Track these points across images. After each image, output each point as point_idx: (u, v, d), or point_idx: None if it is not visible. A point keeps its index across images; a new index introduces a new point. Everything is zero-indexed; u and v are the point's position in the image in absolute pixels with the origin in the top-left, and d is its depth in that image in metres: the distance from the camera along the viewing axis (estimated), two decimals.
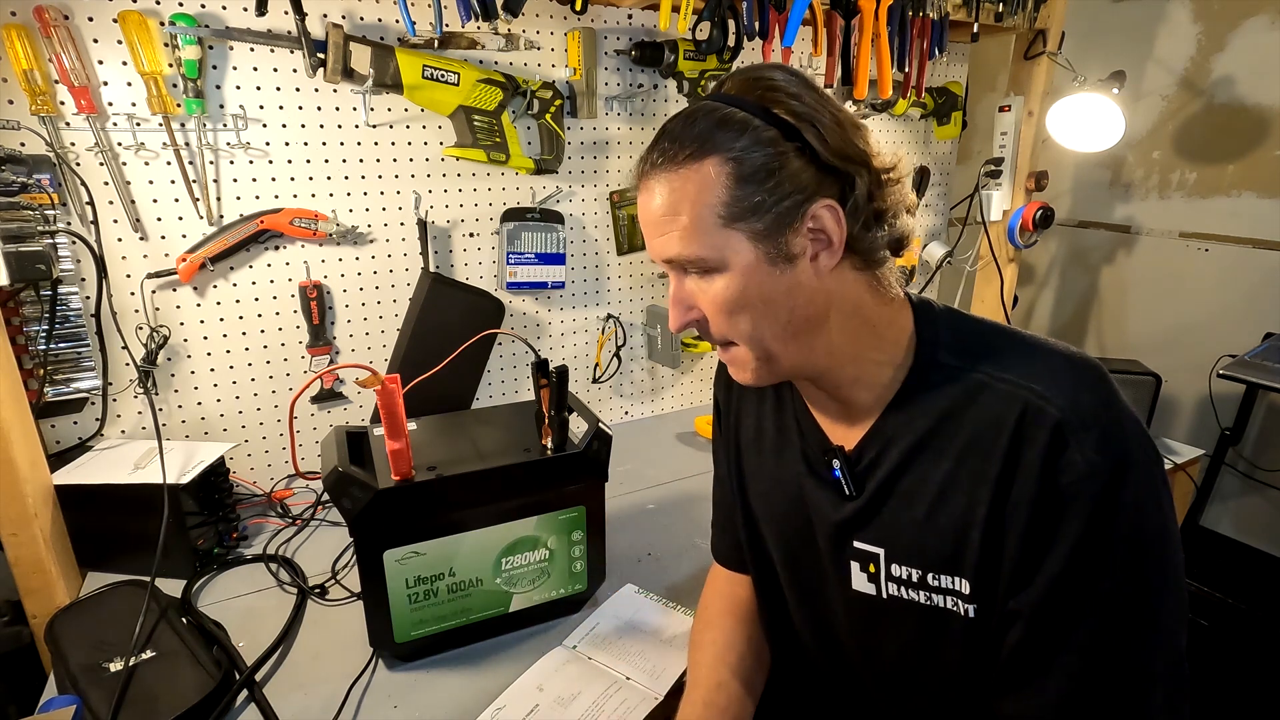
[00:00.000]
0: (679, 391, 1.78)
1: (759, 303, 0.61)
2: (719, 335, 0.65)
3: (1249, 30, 1.94)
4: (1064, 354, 0.61)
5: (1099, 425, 0.55)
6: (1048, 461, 0.56)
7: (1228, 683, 1.74)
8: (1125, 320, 2.32)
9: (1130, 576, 0.55)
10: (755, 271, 0.60)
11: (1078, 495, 0.55)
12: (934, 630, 0.65)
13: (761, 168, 0.58)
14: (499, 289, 1.45)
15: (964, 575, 0.61)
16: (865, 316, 0.64)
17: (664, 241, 0.62)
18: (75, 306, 1.11)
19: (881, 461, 0.66)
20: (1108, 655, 0.56)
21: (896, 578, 0.66)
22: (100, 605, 0.96)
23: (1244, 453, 2.07)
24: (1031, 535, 0.57)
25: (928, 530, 0.63)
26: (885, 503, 0.66)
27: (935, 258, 2.03)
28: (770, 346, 0.63)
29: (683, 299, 0.65)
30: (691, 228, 0.60)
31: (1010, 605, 0.60)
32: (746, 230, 0.59)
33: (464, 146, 1.29)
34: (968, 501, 0.60)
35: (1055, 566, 0.56)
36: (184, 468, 1.07)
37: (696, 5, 1.27)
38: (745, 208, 0.59)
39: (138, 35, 1.04)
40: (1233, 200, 2.03)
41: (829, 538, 0.71)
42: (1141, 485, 0.55)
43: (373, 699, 0.86)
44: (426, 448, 0.92)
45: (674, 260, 0.63)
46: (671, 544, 1.17)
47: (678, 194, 0.60)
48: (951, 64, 1.93)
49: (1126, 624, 0.56)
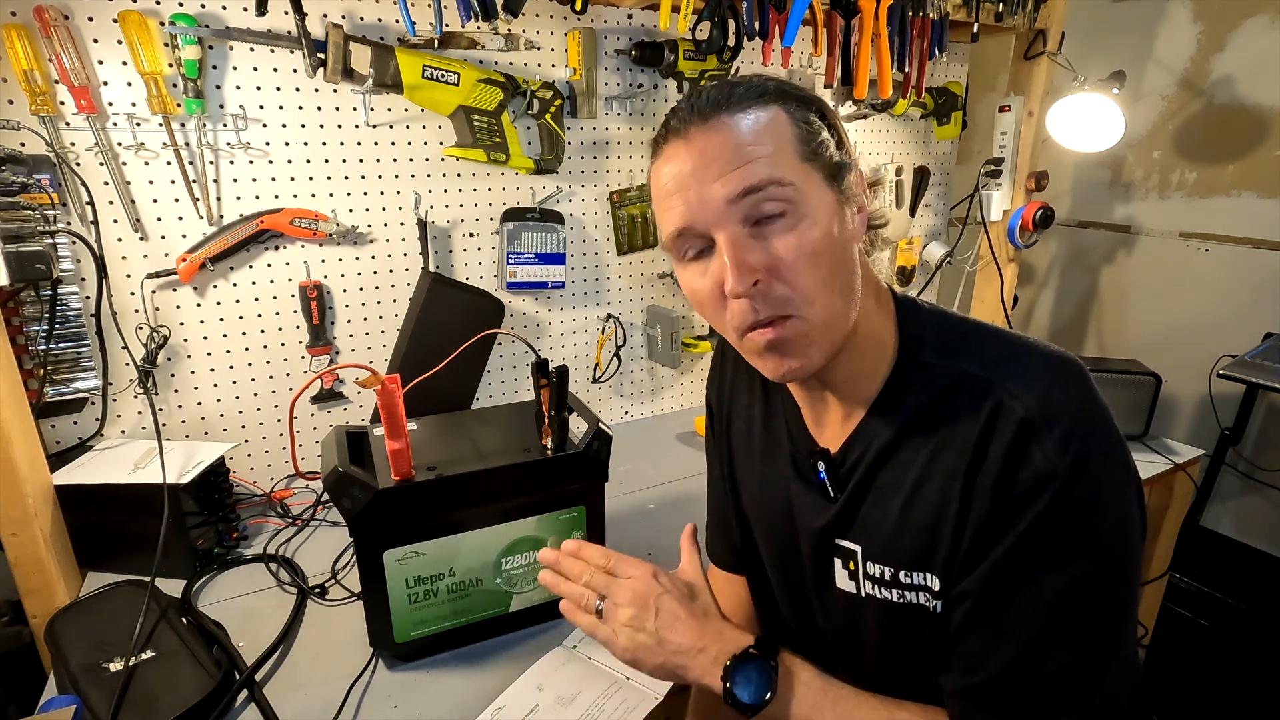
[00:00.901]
0: (679, 391, 1.78)
1: (839, 249, 0.59)
2: (799, 289, 0.58)
3: (1249, 30, 1.94)
4: (1043, 352, 0.61)
5: (1063, 423, 0.55)
6: (1009, 457, 0.56)
7: (1228, 683, 1.74)
8: (1125, 320, 2.32)
9: (1074, 572, 0.55)
10: (834, 214, 0.59)
11: (1032, 490, 0.55)
12: (907, 628, 0.65)
13: (817, 124, 0.60)
14: (499, 289, 1.46)
15: (934, 571, 0.62)
16: (870, 302, 0.64)
17: (744, 172, 0.56)
18: (75, 306, 1.11)
19: (861, 461, 0.65)
20: (1043, 648, 0.56)
21: (871, 576, 0.66)
22: (100, 605, 0.96)
23: (1244, 453, 2.07)
24: (986, 525, 0.57)
25: (900, 528, 0.63)
26: (863, 501, 0.66)
27: (935, 258, 2.03)
28: (835, 308, 0.59)
29: (745, 256, 0.57)
30: (778, 154, 0.57)
31: (955, 590, 0.60)
32: (820, 168, 0.59)
33: (464, 146, 1.29)
34: (940, 498, 0.60)
35: (999, 553, 0.57)
36: (184, 468, 1.07)
37: (696, 5, 1.27)
38: (817, 144, 0.59)
39: (138, 35, 1.04)
40: (1233, 200, 2.03)
41: (813, 541, 0.70)
42: (1100, 482, 0.55)
43: (373, 699, 0.86)
44: (426, 448, 0.92)
45: (758, 187, 0.56)
46: (672, 544, 1.16)
47: (755, 126, 0.57)
48: (951, 64, 1.93)
49: (1066, 621, 0.56)
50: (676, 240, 0.61)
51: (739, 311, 0.59)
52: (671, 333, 1.57)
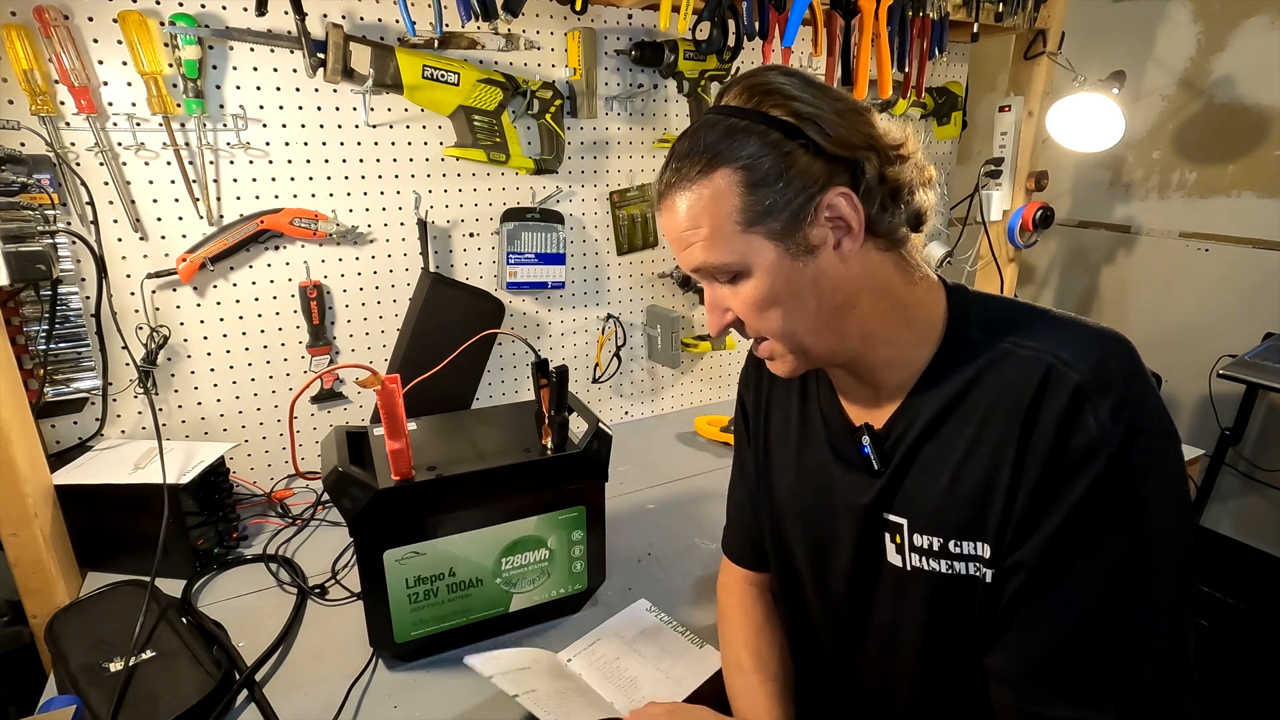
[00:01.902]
0: (679, 391, 1.78)
1: (787, 297, 0.64)
2: (754, 332, 0.68)
3: (1249, 30, 1.94)
4: (1093, 327, 0.62)
5: (1117, 391, 0.56)
6: (1063, 422, 0.57)
7: (1228, 683, 1.74)
8: (1125, 320, 2.32)
9: (1128, 542, 0.55)
10: (779, 269, 0.63)
11: (1086, 456, 0.56)
12: (955, 601, 0.65)
13: (770, 170, 0.60)
14: (499, 289, 1.45)
15: (985, 540, 0.62)
16: (895, 297, 0.66)
17: (690, 253, 0.65)
18: (75, 306, 1.11)
19: (907, 434, 0.66)
20: (1098, 617, 0.56)
21: (918, 547, 0.66)
22: (100, 605, 0.96)
23: (1244, 453, 2.07)
24: (1039, 493, 0.58)
25: (949, 498, 0.63)
26: (908, 473, 0.67)
27: (935, 258, 2.02)
28: (803, 339, 0.66)
29: (717, 304, 0.68)
30: (712, 237, 0.63)
31: (1009, 560, 0.61)
32: (764, 231, 0.62)
33: (464, 146, 1.29)
34: (990, 466, 0.61)
35: (1054, 523, 0.57)
36: (184, 468, 1.07)
37: (696, 5, 1.27)
38: (760, 211, 0.61)
39: (138, 35, 1.04)
40: (1233, 200, 2.03)
41: (859, 519, 0.71)
42: (1151, 454, 0.56)
43: (373, 699, 0.86)
44: (426, 448, 0.92)
45: (701, 269, 0.66)
46: (671, 544, 1.17)
47: (695, 208, 0.63)
48: (951, 64, 1.93)
49: (1121, 590, 0.56)
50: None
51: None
52: (671, 333, 1.57)
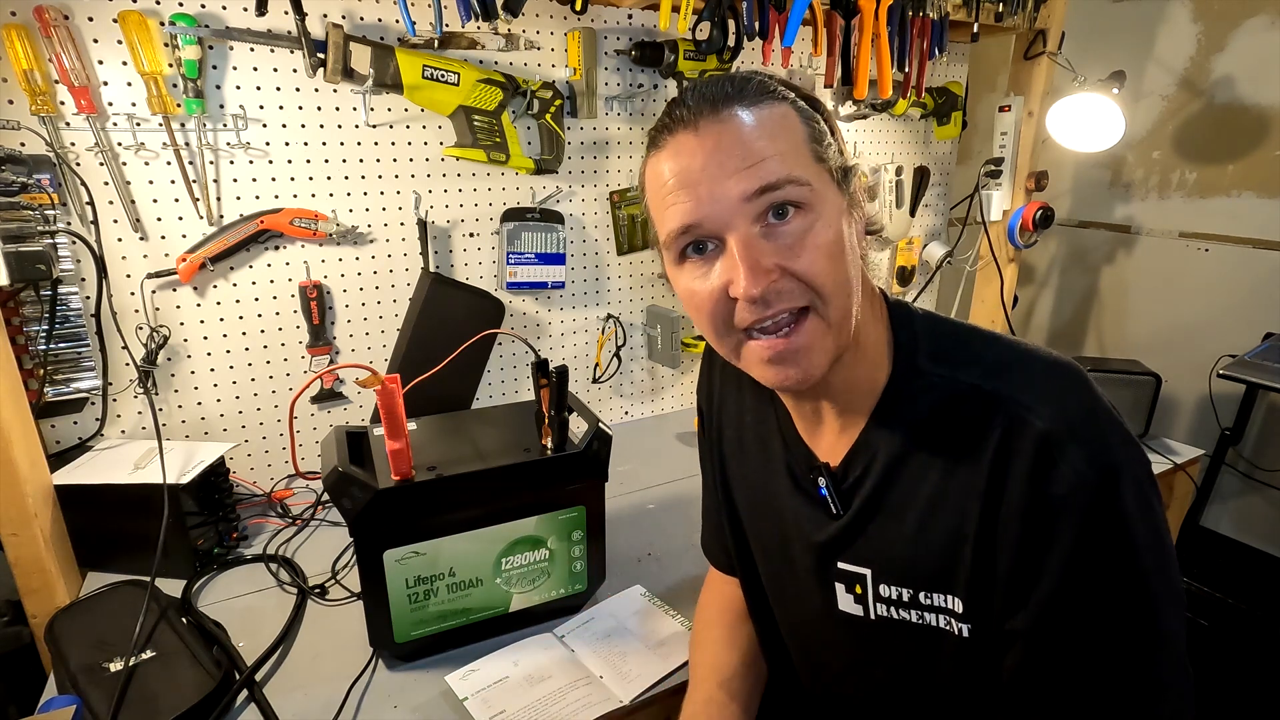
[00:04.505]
0: (679, 391, 1.78)
1: (849, 251, 0.57)
2: (816, 287, 0.56)
3: (1249, 30, 1.94)
4: (1043, 359, 0.59)
5: (1084, 434, 0.54)
6: (1035, 474, 0.54)
7: (1228, 683, 1.74)
8: (1125, 320, 2.32)
9: (1127, 587, 0.54)
10: (843, 217, 0.57)
11: (1068, 508, 0.53)
12: (926, 650, 0.64)
13: (820, 125, 0.58)
14: (499, 289, 1.45)
15: (955, 593, 0.60)
16: (865, 308, 0.62)
17: (760, 169, 0.54)
18: (75, 306, 1.10)
19: (866, 477, 0.63)
20: (1113, 669, 0.55)
21: (886, 598, 0.64)
22: (100, 605, 0.96)
23: (1244, 453, 2.07)
24: (1024, 551, 0.55)
25: (917, 547, 0.61)
26: (871, 520, 0.63)
27: (935, 258, 2.03)
28: (846, 308, 0.58)
29: (758, 260, 0.55)
30: (792, 152, 0.55)
31: (1007, 626, 0.58)
32: (829, 172, 0.57)
33: (464, 146, 1.29)
34: (957, 516, 0.58)
35: (1050, 583, 0.55)
36: (184, 468, 1.07)
37: (696, 5, 1.27)
38: (821, 150, 0.57)
39: (138, 35, 1.04)
40: (1233, 200, 2.03)
41: (813, 557, 0.68)
42: (1131, 493, 0.53)
43: (373, 699, 0.86)
44: (426, 448, 0.92)
45: (776, 185, 0.54)
46: (671, 544, 1.17)
47: (767, 123, 0.55)
48: (951, 64, 1.93)
49: (1129, 635, 0.54)
50: (679, 238, 0.57)
51: (746, 313, 0.57)
52: (671, 333, 1.57)
